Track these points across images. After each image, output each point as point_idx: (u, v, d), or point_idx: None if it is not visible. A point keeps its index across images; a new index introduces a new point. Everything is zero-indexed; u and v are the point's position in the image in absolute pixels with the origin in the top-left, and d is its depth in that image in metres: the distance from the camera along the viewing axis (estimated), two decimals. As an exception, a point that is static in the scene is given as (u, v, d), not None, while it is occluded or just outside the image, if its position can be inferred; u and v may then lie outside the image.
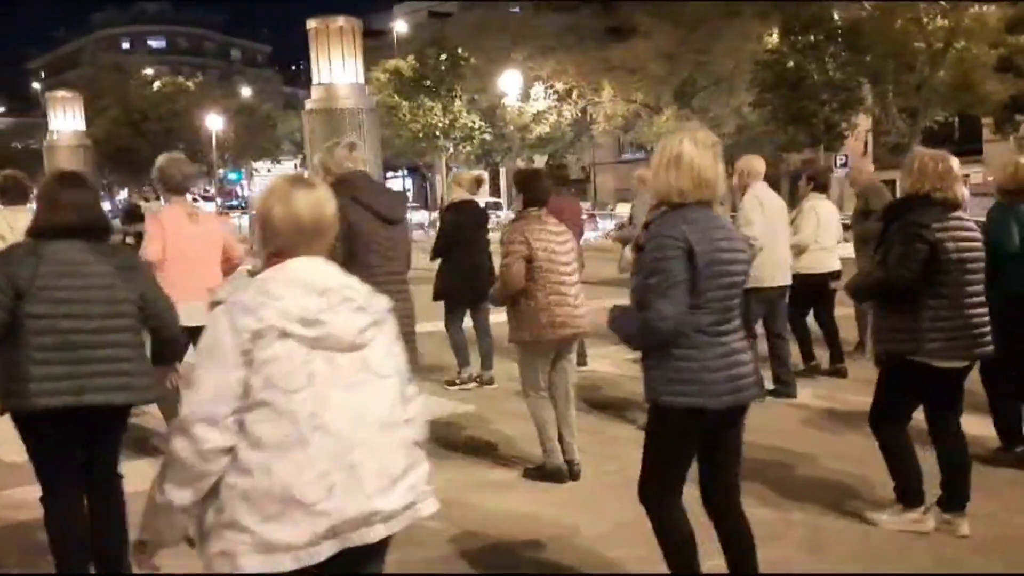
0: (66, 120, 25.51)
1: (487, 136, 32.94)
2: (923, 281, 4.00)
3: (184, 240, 5.01)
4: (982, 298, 4.15)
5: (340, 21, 16.25)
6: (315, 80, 16.58)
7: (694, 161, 3.05)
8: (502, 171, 41.20)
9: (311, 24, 16.29)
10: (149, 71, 45.61)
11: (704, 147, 3.08)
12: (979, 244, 4.14)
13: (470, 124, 32.47)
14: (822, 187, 7.67)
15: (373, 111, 16.82)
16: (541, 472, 5.13)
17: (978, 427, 5.15)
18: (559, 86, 31.48)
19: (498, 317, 6.31)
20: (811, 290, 7.31)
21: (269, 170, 44.17)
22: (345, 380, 2.23)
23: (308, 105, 16.60)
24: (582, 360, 7.71)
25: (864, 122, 27.85)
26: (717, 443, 3.24)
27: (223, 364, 2.14)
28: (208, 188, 56.68)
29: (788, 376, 6.90)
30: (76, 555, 3.41)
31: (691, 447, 3.21)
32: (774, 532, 4.14)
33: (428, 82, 32.10)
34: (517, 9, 39.34)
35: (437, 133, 32.52)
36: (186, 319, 4.38)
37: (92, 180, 3.58)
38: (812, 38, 23.97)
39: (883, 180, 8.61)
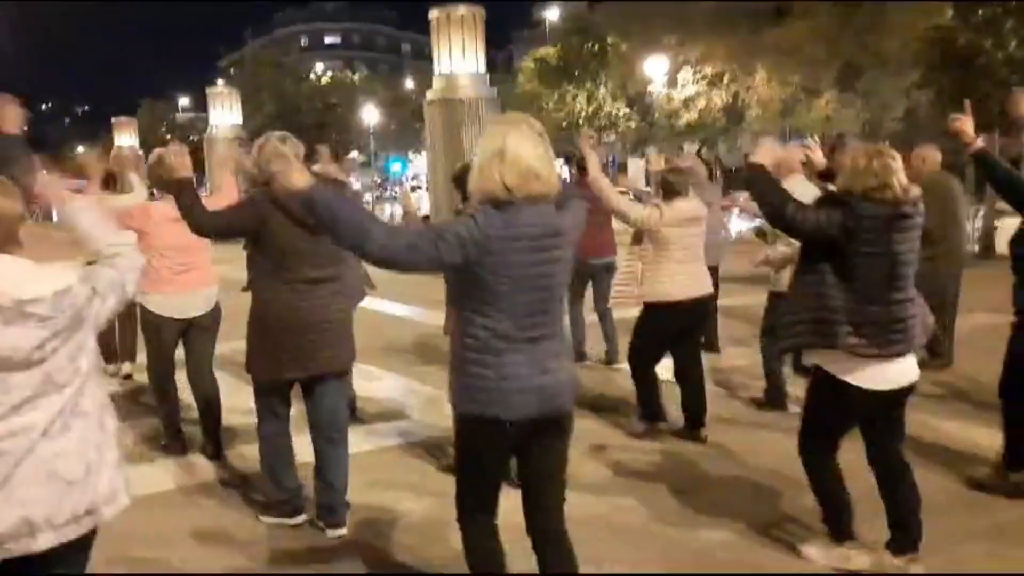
0: (223, 114, 27.21)
1: (631, 124, 32.29)
2: (832, 265, 3.60)
3: (167, 234, 5.21)
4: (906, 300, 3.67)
5: (462, 10, 16.39)
6: (436, 70, 16.79)
7: (519, 153, 2.81)
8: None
9: (433, 13, 16.49)
10: (319, 66, 47.79)
11: (530, 138, 2.85)
12: (915, 246, 3.67)
13: (614, 112, 31.98)
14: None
15: (494, 100, 16.84)
16: None
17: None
18: (708, 70, 30.42)
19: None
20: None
21: (410, 161, 46.08)
22: (16, 400, 2.23)
23: (429, 95, 16.89)
24: (713, 347, 7.95)
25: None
26: (529, 460, 3.04)
27: None
28: (376, 178, 58.94)
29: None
30: None
31: (494, 461, 3.02)
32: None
33: (576, 71, 31.93)
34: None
35: (580, 121, 32.26)
36: (180, 311, 5.46)
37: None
38: (989, 12, 21.91)
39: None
